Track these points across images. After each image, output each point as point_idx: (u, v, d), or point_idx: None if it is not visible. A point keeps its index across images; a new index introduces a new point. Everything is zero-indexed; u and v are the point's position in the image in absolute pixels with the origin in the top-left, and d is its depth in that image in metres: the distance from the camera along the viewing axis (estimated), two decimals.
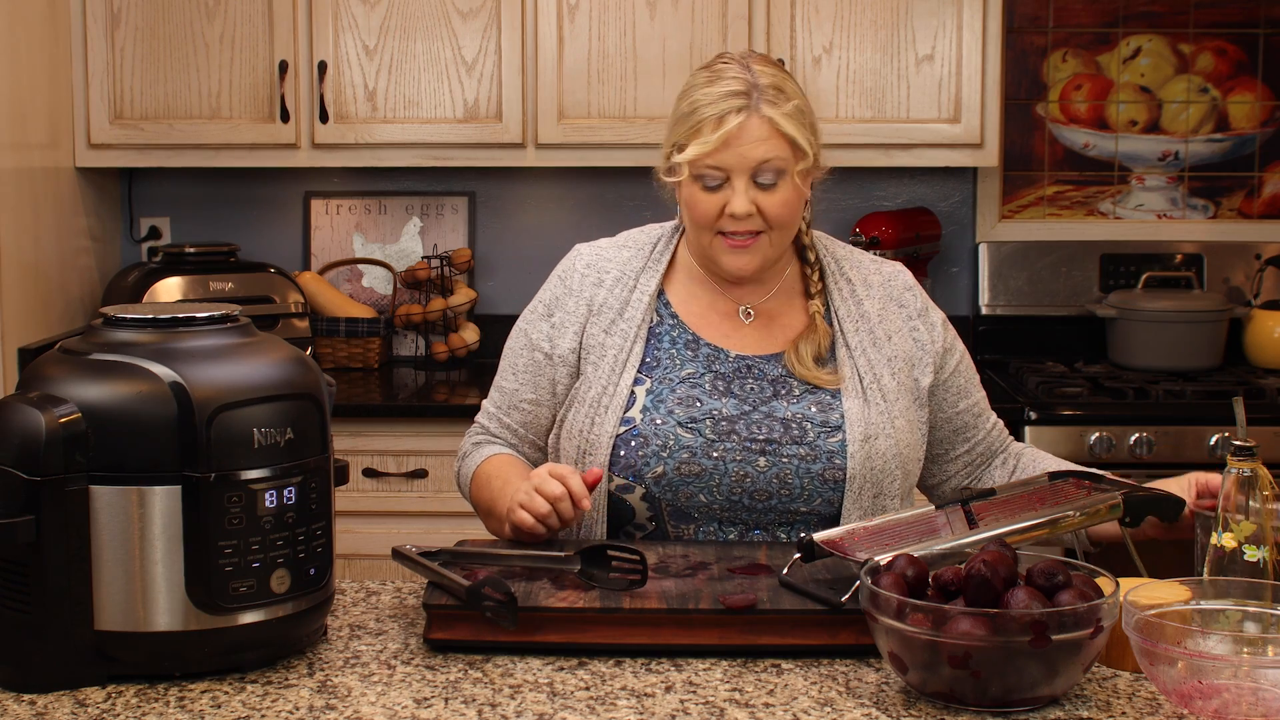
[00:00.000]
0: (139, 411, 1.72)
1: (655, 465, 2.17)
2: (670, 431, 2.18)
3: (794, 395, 2.22)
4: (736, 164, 2.16)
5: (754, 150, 2.16)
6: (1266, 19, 4.15)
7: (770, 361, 2.25)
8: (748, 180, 2.17)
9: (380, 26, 3.83)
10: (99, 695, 1.73)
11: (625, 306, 2.27)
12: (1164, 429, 3.56)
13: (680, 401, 2.21)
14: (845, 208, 4.21)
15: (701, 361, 2.24)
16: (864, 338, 2.26)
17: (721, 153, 2.16)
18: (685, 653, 1.84)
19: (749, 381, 2.23)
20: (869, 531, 1.96)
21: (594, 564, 1.94)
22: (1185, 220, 4.22)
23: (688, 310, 2.29)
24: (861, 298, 2.30)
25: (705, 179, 2.18)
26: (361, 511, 3.61)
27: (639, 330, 2.25)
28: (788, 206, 2.20)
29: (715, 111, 2.16)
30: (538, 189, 4.24)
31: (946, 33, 3.81)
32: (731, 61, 2.22)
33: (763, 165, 2.16)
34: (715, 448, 2.17)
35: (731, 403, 2.21)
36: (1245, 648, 1.73)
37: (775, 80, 2.19)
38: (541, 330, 2.29)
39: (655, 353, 2.25)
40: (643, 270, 2.30)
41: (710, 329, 2.28)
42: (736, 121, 2.15)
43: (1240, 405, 1.92)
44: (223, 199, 4.24)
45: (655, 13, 3.80)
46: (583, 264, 2.31)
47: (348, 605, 2.04)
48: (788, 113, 2.17)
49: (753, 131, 2.16)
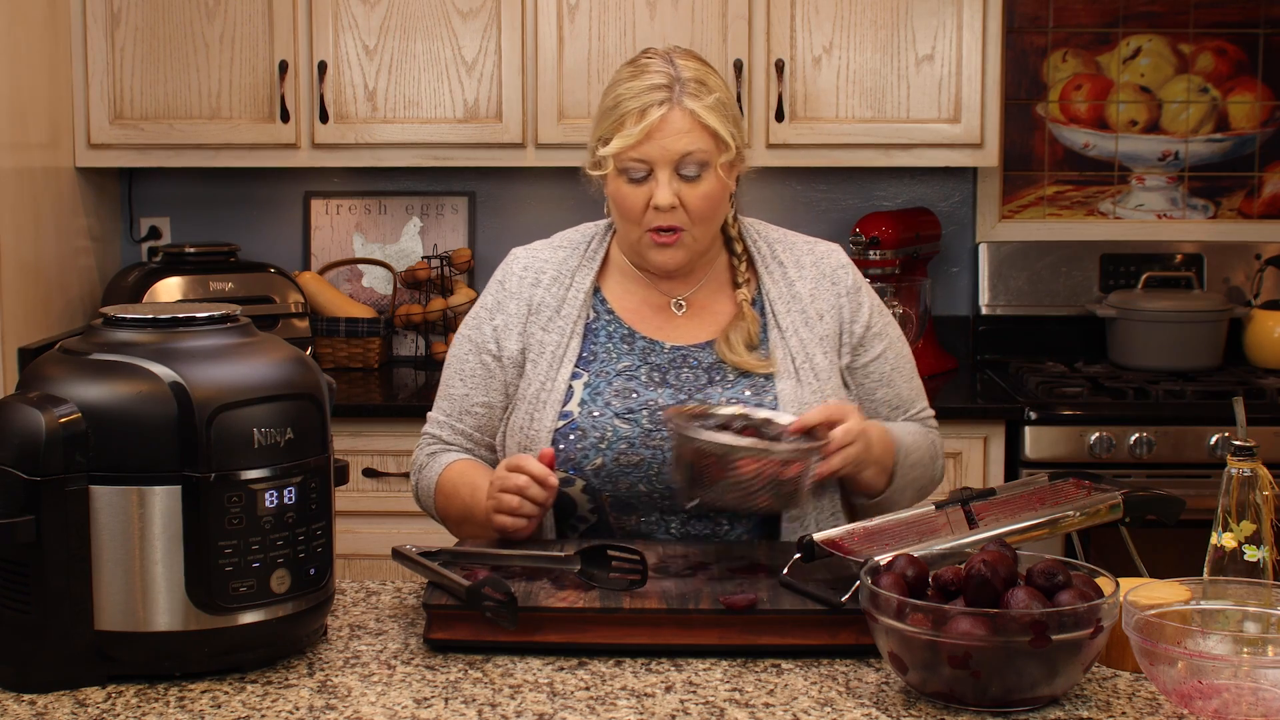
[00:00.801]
0: (139, 411, 1.72)
1: (594, 457, 2.20)
2: (608, 423, 2.21)
3: (728, 381, 2.24)
4: (660, 156, 2.18)
5: (676, 142, 2.18)
6: (1266, 19, 4.15)
7: (704, 350, 2.28)
8: (671, 172, 2.19)
9: (380, 26, 3.83)
10: (99, 695, 1.73)
11: (562, 304, 2.30)
12: (1164, 429, 3.56)
13: (617, 394, 2.23)
14: (845, 208, 4.21)
15: (637, 354, 2.27)
16: (796, 318, 2.29)
17: (644, 145, 2.18)
18: (685, 653, 1.84)
19: (684, 371, 2.26)
20: (869, 531, 1.96)
21: (594, 564, 1.94)
22: (1185, 220, 4.22)
23: (622, 305, 2.32)
24: (794, 279, 2.32)
25: (630, 172, 2.21)
26: (361, 511, 3.61)
27: (575, 326, 2.29)
28: (710, 199, 2.22)
29: (638, 105, 2.19)
30: (538, 189, 4.24)
31: (946, 33, 3.81)
32: (655, 56, 2.25)
33: (685, 157, 2.19)
34: (653, 437, 2.20)
35: (667, 392, 2.23)
36: (1245, 648, 1.73)
37: (698, 74, 2.22)
38: (486, 333, 2.32)
39: (592, 348, 2.28)
40: (578, 268, 2.34)
41: (644, 322, 2.31)
42: (659, 114, 2.18)
43: (1240, 405, 1.92)
44: (223, 199, 4.24)
45: (655, 13, 3.80)
46: (519, 266, 2.35)
47: (348, 605, 2.04)
48: (709, 105, 2.19)
49: (675, 124, 2.18)
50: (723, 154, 2.21)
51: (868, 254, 3.93)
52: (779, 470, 1.96)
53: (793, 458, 1.98)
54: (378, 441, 3.62)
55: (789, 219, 4.20)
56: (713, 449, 1.98)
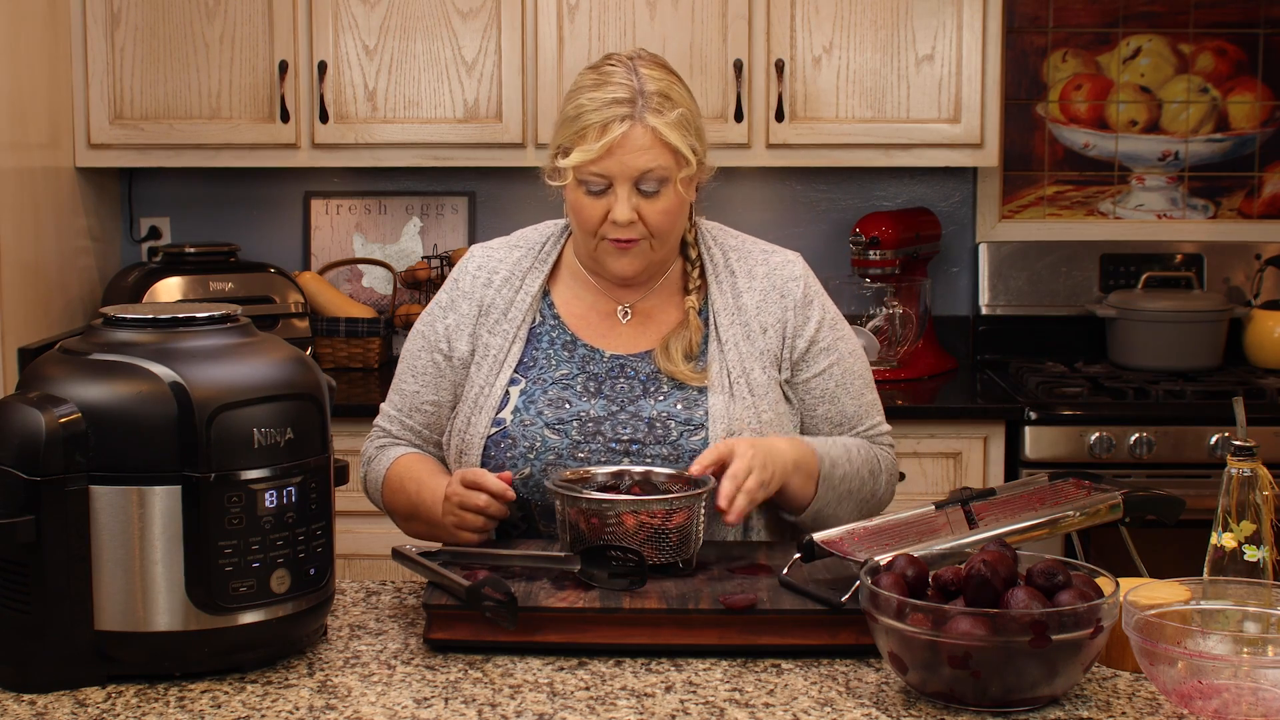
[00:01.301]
0: (139, 411, 1.72)
1: (523, 466, 2.20)
2: (538, 433, 2.21)
3: (662, 394, 2.23)
4: (619, 172, 2.17)
5: (637, 159, 2.16)
6: (1266, 19, 4.15)
7: (644, 359, 2.27)
8: (630, 188, 2.18)
9: (380, 26, 3.83)
10: (99, 695, 1.73)
11: (510, 307, 2.30)
12: (1164, 429, 3.56)
13: (550, 403, 2.23)
14: (845, 208, 4.21)
15: (576, 362, 2.27)
16: (737, 332, 2.27)
17: (605, 160, 2.17)
18: (685, 653, 1.84)
19: (620, 381, 2.25)
20: (869, 531, 1.96)
21: (594, 564, 1.94)
22: (1185, 220, 4.22)
23: (569, 311, 2.32)
24: (742, 290, 2.30)
25: (589, 184, 2.20)
26: (361, 511, 3.59)
27: (519, 330, 2.29)
28: (669, 215, 2.21)
29: (599, 119, 2.16)
30: (537, 189, 4.19)
31: (946, 33, 3.81)
32: (619, 64, 2.22)
33: (646, 174, 2.17)
34: (581, 449, 2.19)
35: (600, 403, 2.23)
36: (1245, 648, 1.73)
37: (662, 86, 2.19)
38: (438, 331, 2.32)
39: (534, 353, 2.28)
40: (530, 270, 2.33)
41: (589, 329, 2.30)
42: (620, 130, 2.15)
43: (1240, 405, 1.92)
44: (223, 199, 4.24)
45: (655, 13, 3.80)
46: (474, 265, 2.35)
47: (348, 605, 2.04)
48: (671, 122, 2.17)
49: (636, 140, 2.16)
50: (683, 169, 2.19)
51: (868, 254, 3.93)
52: (663, 521, 1.97)
53: (675, 507, 1.99)
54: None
55: (789, 219, 4.21)
56: (592, 506, 1.99)
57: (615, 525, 1.97)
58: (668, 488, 2.08)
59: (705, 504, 2.03)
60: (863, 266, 3.97)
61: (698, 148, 2.22)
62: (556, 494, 2.03)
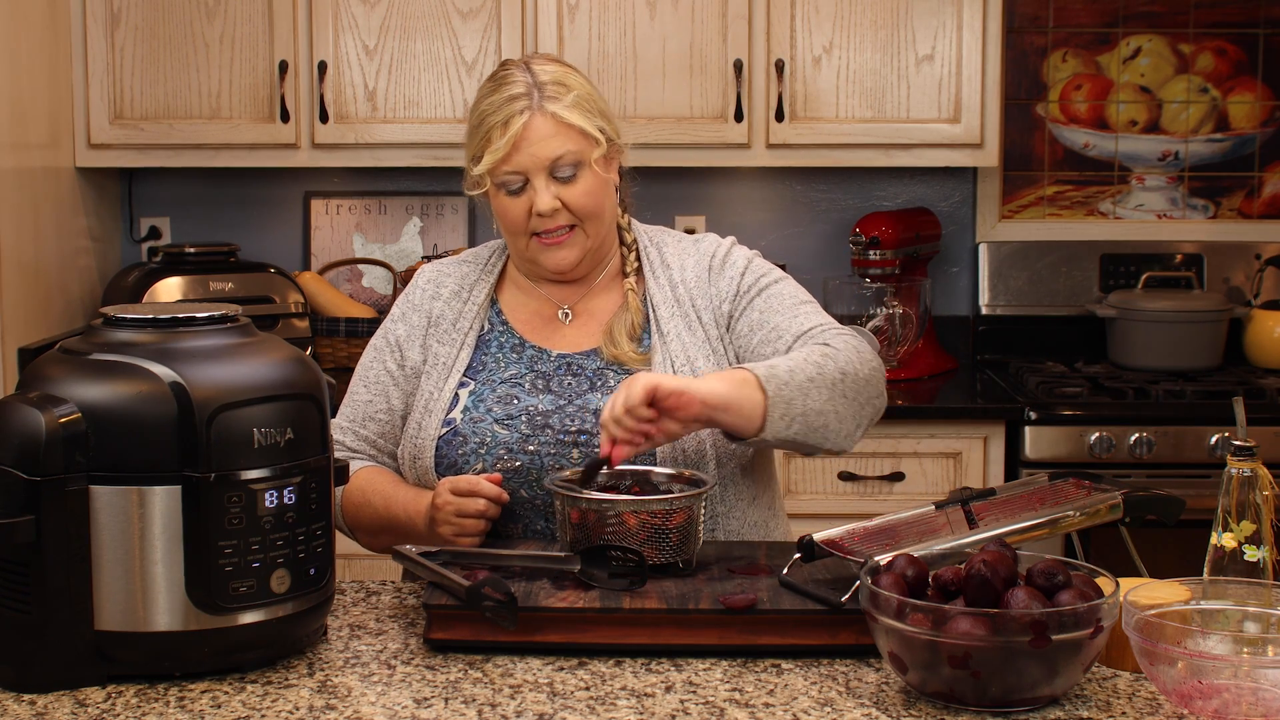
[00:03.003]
0: (139, 411, 1.72)
1: (474, 462, 2.21)
2: (487, 429, 2.22)
3: (609, 387, 2.24)
4: (531, 164, 2.20)
5: (544, 148, 2.20)
6: (1266, 19, 4.15)
7: (590, 357, 2.28)
8: (546, 177, 2.21)
9: (380, 26, 3.83)
10: (99, 695, 1.73)
11: (459, 317, 2.34)
12: (1164, 429, 3.56)
13: (499, 400, 2.25)
14: (845, 208, 4.21)
15: (525, 362, 2.29)
16: (679, 324, 2.27)
17: (514, 156, 2.20)
18: (685, 653, 1.84)
19: (568, 378, 2.26)
20: (869, 531, 1.96)
21: (594, 564, 1.94)
22: (1185, 220, 4.22)
23: (516, 316, 2.34)
24: (677, 281, 2.31)
25: (507, 185, 2.23)
26: None
27: (467, 337, 2.31)
28: (591, 195, 2.23)
29: (500, 118, 2.20)
30: None
31: (946, 33, 3.81)
32: (513, 66, 2.26)
33: (557, 161, 2.21)
34: (530, 442, 2.20)
35: (548, 399, 2.24)
36: (1245, 648, 1.73)
37: (556, 75, 2.23)
38: (390, 342, 2.35)
39: (483, 358, 2.30)
40: (476, 282, 2.37)
41: (535, 332, 2.32)
42: (521, 122, 2.19)
43: (1240, 405, 1.92)
44: (223, 199, 4.24)
45: (655, 13, 3.80)
46: (424, 280, 2.39)
47: (348, 605, 2.04)
48: (570, 104, 2.21)
49: (539, 130, 2.19)
50: (594, 149, 2.22)
51: (868, 254, 3.93)
52: (663, 521, 1.97)
53: (675, 507, 1.99)
54: None
55: (789, 219, 4.21)
56: (591, 506, 1.99)
57: (615, 525, 1.97)
58: (668, 488, 2.08)
59: (705, 504, 2.03)
60: (863, 266, 3.97)
61: (605, 128, 2.24)
62: (556, 494, 2.03)
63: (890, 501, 3.59)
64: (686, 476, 2.10)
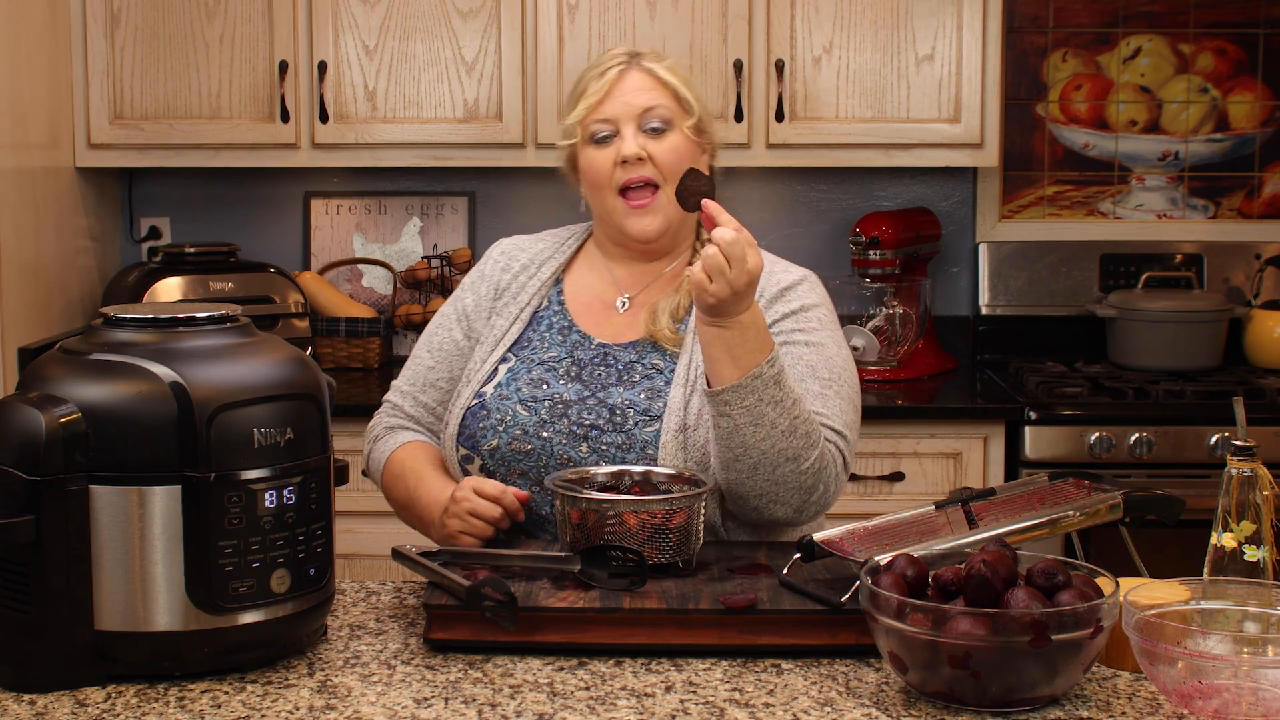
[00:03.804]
0: (139, 411, 1.72)
1: (491, 438, 2.24)
2: (510, 408, 2.24)
3: (632, 382, 2.24)
4: (623, 112, 2.26)
5: (638, 98, 2.27)
6: (1266, 19, 4.15)
7: (628, 349, 2.29)
8: (635, 127, 2.26)
9: (380, 26, 3.83)
10: (99, 695, 1.73)
11: (521, 290, 2.37)
12: (1164, 429, 3.56)
13: (530, 381, 2.27)
14: (845, 208, 4.21)
15: (567, 347, 2.31)
16: None
17: (606, 103, 2.27)
18: (685, 653, 1.84)
19: (600, 369, 2.27)
20: (869, 531, 1.96)
21: (594, 564, 1.94)
22: (1185, 220, 4.22)
23: (575, 299, 2.36)
24: None
25: (595, 133, 2.27)
26: (361, 511, 3.60)
27: (523, 312, 2.34)
28: (677, 153, 2.27)
29: (597, 70, 2.30)
30: (538, 189, 4.24)
31: (946, 33, 3.81)
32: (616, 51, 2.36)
33: (648, 113, 2.26)
34: (546, 428, 2.22)
35: (575, 388, 2.25)
36: (1245, 648, 1.73)
37: (657, 53, 2.35)
38: (459, 310, 2.39)
39: (530, 334, 2.33)
40: (548, 259, 2.40)
41: (586, 317, 2.34)
42: (617, 71, 2.28)
43: (1240, 405, 1.92)
44: (223, 199, 4.24)
45: (655, 13, 3.80)
46: (498, 252, 2.44)
47: (348, 605, 2.04)
48: (667, 66, 2.30)
49: (634, 81, 2.28)
50: (686, 117, 2.28)
51: (868, 254, 3.93)
52: (663, 521, 1.97)
53: (675, 507, 1.99)
54: None
55: (789, 219, 4.21)
56: (591, 506, 1.99)
57: (615, 525, 1.97)
58: (668, 488, 2.08)
59: (705, 504, 2.03)
60: (863, 266, 3.97)
61: (694, 104, 2.31)
62: (557, 494, 2.03)
63: (890, 501, 3.59)
64: (686, 476, 2.10)
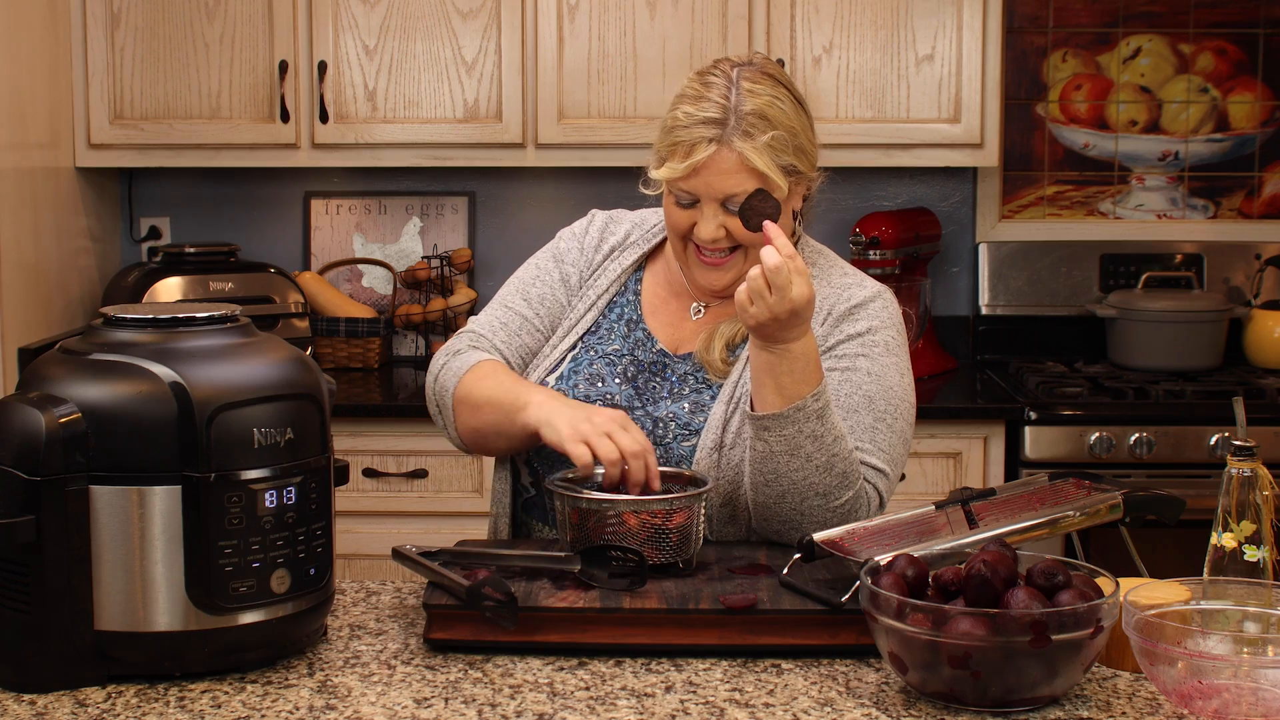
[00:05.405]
0: (139, 411, 1.72)
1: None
2: None
3: (679, 395, 2.22)
4: (705, 192, 2.15)
5: (722, 182, 2.14)
6: (1266, 19, 4.15)
7: (685, 360, 2.26)
8: (717, 206, 2.16)
9: (380, 26, 3.83)
10: (99, 695, 1.73)
11: (601, 274, 2.33)
12: (1164, 429, 3.56)
13: (587, 379, 2.24)
14: (845, 208, 4.21)
15: (630, 343, 2.28)
16: None
17: (690, 180, 2.15)
18: (685, 653, 1.84)
19: (655, 379, 2.25)
20: (869, 531, 1.96)
21: (594, 564, 1.94)
22: (1185, 220, 4.22)
23: (652, 293, 2.33)
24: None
25: (678, 197, 2.19)
26: (361, 511, 3.61)
27: (600, 298, 2.31)
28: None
29: (688, 138, 2.13)
30: (538, 189, 4.24)
31: (946, 33, 3.81)
32: (721, 75, 2.17)
33: (731, 197, 2.15)
34: None
35: (628, 393, 2.23)
36: (1245, 648, 1.73)
37: (760, 105, 2.14)
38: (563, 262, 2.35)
39: (602, 320, 2.31)
40: (634, 244, 2.36)
41: (656, 315, 2.31)
42: (705, 154, 2.12)
43: (1240, 405, 1.92)
44: (223, 199, 4.24)
45: (655, 13, 3.80)
46: (597, 226, 2.38)
47: (348, 605, 2.04)
48: (760, 146, 2.13)
49: (721, 164, 2.13)
50: (775, 192, 2.15)
51: (868, 254, 3.93)
52: (663, 521, 1.97)
53: (675, 507, 1.99)
54: (378, 441, 3.62)
55: None
56: (592, 506, 1.99)
57: (615, 525, 1.97)
58: (668, 488, 2.08)
59: (705, 504, 2.03)
60: (863, 266, 3.97)
61: (796, 164, 2.18)
62: (557, 494, 2.03)
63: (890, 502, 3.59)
64: (686, 476, 2.10)
